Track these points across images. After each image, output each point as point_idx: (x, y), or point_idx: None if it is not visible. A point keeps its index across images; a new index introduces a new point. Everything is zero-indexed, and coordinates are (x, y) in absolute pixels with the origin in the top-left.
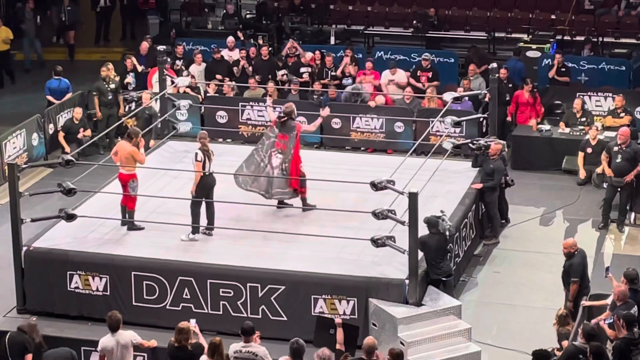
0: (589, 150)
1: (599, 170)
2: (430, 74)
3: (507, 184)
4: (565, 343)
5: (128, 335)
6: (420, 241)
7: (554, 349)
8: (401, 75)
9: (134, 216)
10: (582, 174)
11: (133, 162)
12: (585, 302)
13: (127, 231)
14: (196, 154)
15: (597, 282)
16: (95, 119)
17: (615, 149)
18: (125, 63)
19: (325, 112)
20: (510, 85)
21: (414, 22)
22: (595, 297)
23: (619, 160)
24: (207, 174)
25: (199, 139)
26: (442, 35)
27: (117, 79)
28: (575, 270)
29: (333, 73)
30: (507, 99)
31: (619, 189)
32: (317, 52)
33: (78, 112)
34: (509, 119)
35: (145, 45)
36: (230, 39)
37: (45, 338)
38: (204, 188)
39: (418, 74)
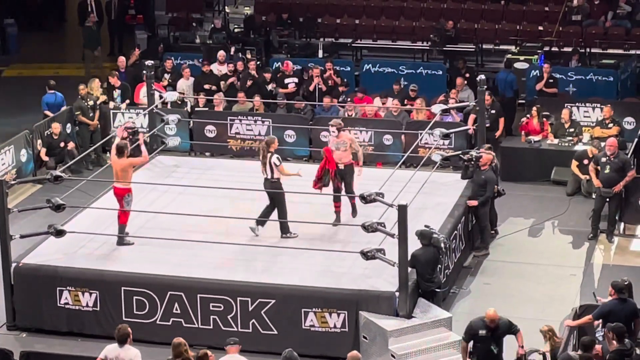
0: (586, 161)
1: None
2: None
3: (499, 194)
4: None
5: (131, 354)
6: (412, 256)
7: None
8: (390, 104)
9: (124, 231)
10: (585, 177)
11: (129, 175)
12: (570, 322)
13: (116, 246)
14: (277, 158)
15: (585, 293)
16: (92, 130)
17: (604, 159)
18: (111, 79)
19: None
20: (493, 112)
21: (431, 35)
22: (585, 307)
23: (607, 171)
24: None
25: (272, 143)
26: (431, 47)
27: (99, 93)
28: (512, 323)
29: (319, 86)
30: (487, 125)
31: (607, 200)
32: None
33: (56, 127)
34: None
35: (122, 60)
36: (221, 52)
37: (35, 355)
38: None
39: (405, 103)
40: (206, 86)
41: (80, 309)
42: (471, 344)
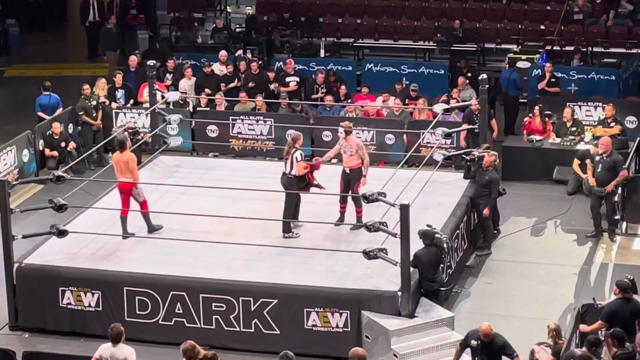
0: (588, 160)
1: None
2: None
3: (499, 193)
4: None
5: (126, 353)
6: (414, 256)
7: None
8: (392, 104)
9: (149, 216)
10: (585, 176)
11: (135, 169)
12: (585, 328)
13: (148, 233)
14: (300, 154)
15: (587, 292)
16: (95, 130)
17: (597, 158)
18: (114, 79)
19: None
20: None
21: (438, 35)
22: (588, 307)
23: (599, 169)
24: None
25: (298, 139)
26: (432, 47)
27: (103, 93)
28: (510, 346)
29: (324, 90)
30: (476, 131)
31: (603, 198)
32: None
33: (56, 126)
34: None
35: (133, 59)
36: (223, 52)
37: (37, 355)
38: None
39: (407, 103)
40: (207, 91)
41: (83, 309)
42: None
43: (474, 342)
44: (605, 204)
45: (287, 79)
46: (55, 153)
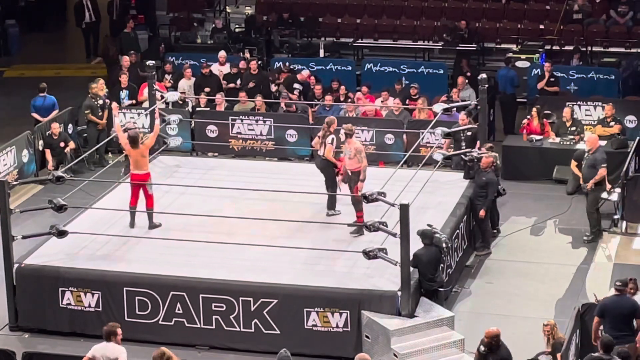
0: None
1: None
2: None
3: (499, 193)
4: (559, 356)
5: (117, 352)
6: (414, 256)
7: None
8: (391, 104)
9: (153, 215)
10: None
11: (147, 159)
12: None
13: (148, 230)
14: (333, 138)
15: (587, 291)
16: (100, 129)
17: (585, 155)
18: (120, 79)
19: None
20: (469, 134)
21: (444, 35)
22: (588, 306)
23: (583, 166)
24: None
25: (332, 124)
26: (432, 46)
27: (102, 93)
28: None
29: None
30: (463, 145)
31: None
32: (313, 78)
33: (55, 127)
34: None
35: (126, 59)
36: (222, 53)
37: (38, 355)
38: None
39: (407, 103)
40: (206, 89)
41: (83, 310)
42: None
43: (482, 349)
44: (587, 200)
45: (295, 85)
46: (51, 165)
